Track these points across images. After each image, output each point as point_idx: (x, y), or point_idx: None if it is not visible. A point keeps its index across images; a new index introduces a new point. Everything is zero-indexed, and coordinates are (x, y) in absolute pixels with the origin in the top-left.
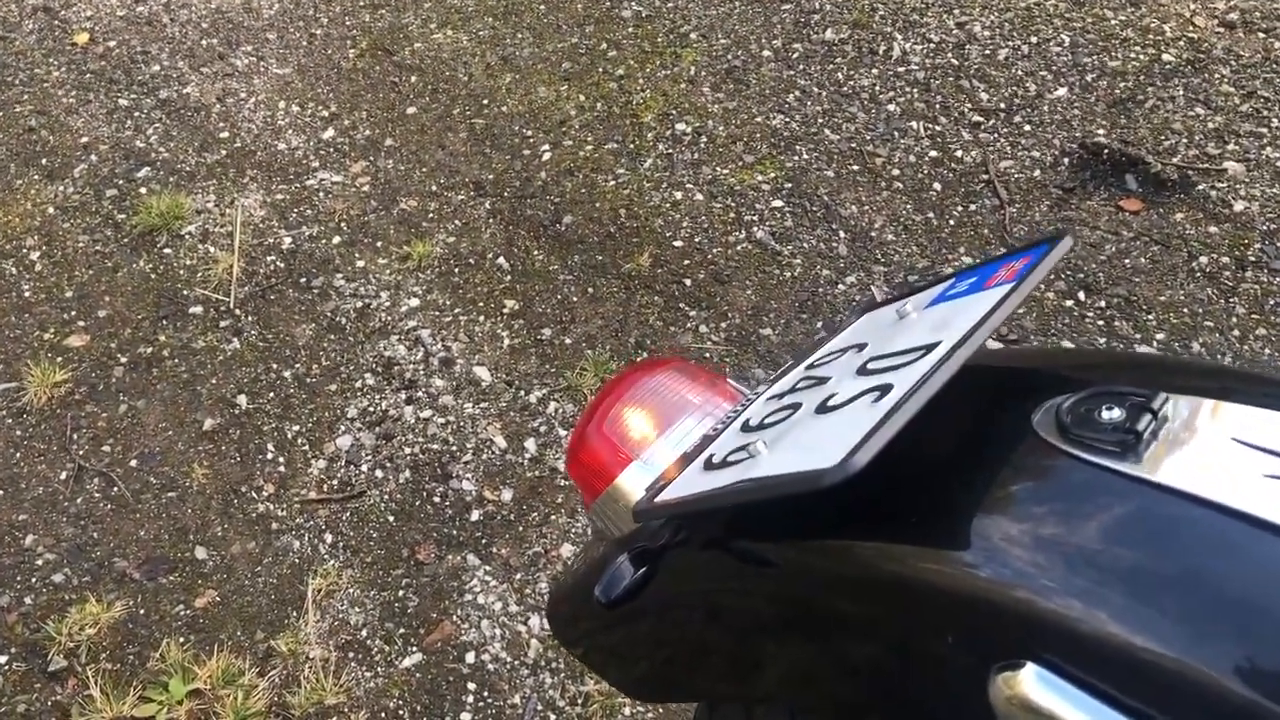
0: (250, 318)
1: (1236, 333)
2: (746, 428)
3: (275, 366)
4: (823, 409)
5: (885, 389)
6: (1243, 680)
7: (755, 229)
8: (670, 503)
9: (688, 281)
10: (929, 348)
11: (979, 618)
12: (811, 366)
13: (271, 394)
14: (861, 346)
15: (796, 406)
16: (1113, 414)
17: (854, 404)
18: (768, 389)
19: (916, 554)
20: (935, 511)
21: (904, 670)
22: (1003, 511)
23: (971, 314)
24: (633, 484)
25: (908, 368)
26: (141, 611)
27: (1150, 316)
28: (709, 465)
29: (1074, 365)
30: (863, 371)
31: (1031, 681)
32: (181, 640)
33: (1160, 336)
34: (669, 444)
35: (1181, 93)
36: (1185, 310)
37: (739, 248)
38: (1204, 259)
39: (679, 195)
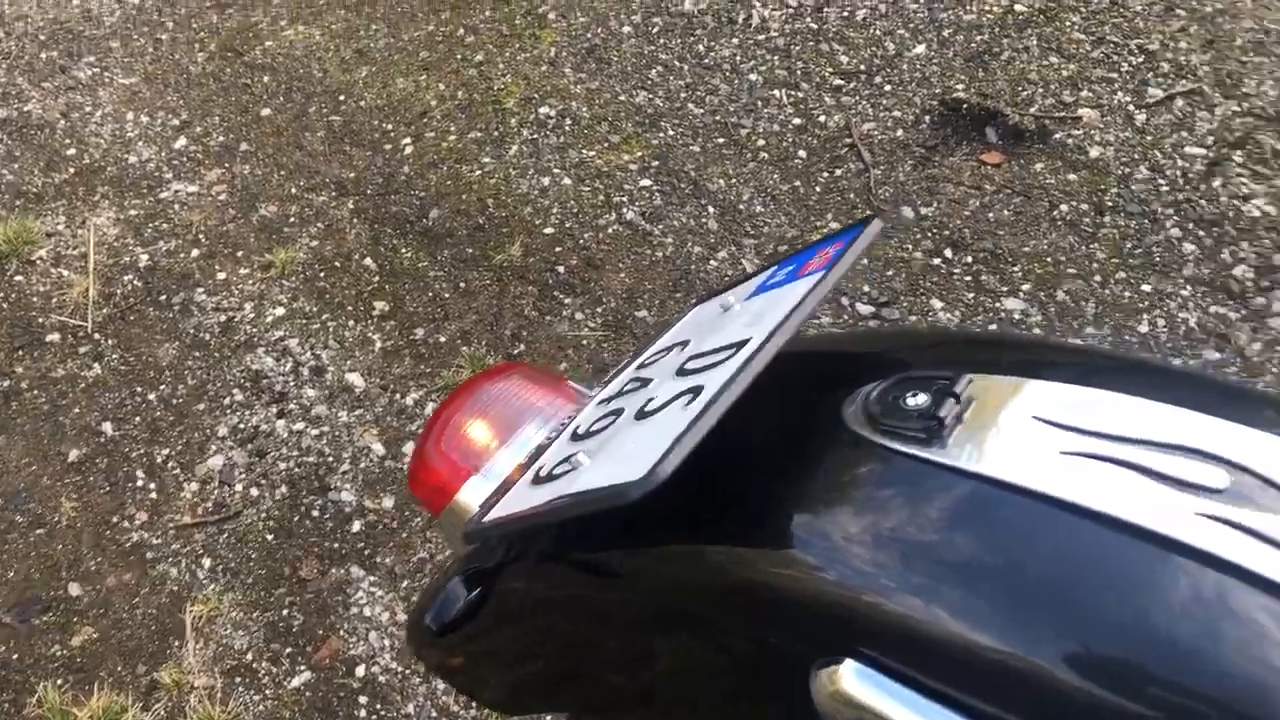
0: (110, 341)
1: (1098, 278)
2: (575, 436)
3: (139, 390)
4: (641, 415)
5: (697, 391)
6: (1049, 662)
7: (625, 210)
8: (497, 521)
9: (561, 269)
10: (740, 345)
11: (798, 616)
12: (641, 367)
13: (137, 419)
14: (685, 344)
15: (620, 413)
16: (917, 400)
17: (669, 408)
18: (600, 392)
19: (736, 555)
20: (754, 511)
21: (736, 671)
22: (817, 507)
23: (783, 306)
24: (473, 498)
25: (719, 367)
26: (15, 656)
27: (1016, 268)
28: (537, 479)
29: (883, 350)
30: (681, 372)
31: (850, 677)
32: (59, 682)
33: (1026, 288)
34: (510, 454)
35: (1035, 43)
36: (1049, 259)
37: (610, 230)
38: (1064, 207)
39: (546, 181)
